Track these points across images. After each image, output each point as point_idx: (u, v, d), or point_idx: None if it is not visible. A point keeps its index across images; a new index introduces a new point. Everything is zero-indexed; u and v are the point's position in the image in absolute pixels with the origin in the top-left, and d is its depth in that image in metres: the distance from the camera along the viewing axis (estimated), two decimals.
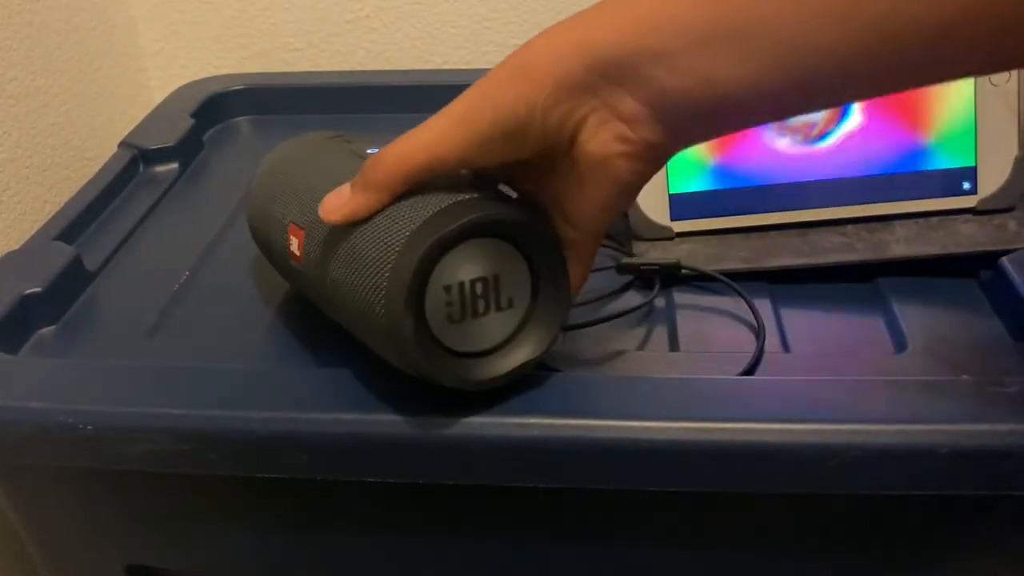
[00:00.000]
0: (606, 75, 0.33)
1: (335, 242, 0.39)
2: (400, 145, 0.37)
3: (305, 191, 0.43)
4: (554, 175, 0.38)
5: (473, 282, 0.37)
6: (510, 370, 0.39)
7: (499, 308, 0.38)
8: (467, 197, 0.37)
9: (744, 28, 0.31)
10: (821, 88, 0.32)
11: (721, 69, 0.32)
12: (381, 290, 0.36)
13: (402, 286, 0.35)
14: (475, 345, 0.38)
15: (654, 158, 0.36)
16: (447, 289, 0.37)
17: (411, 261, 0.35)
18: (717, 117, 0.34)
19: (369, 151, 0.43)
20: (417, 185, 0.37)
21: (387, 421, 0.39)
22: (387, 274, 0.36)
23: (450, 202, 0.37)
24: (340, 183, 0.40)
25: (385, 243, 0.36)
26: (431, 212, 0.36)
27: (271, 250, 0.47)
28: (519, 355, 0.39)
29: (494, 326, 0.38)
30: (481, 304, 0.38)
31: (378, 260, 0.36)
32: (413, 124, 0.38)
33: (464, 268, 0.37)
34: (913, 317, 0.47)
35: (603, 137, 0.35)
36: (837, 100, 0.35)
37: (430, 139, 0.36)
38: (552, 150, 0.36)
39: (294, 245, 0.42)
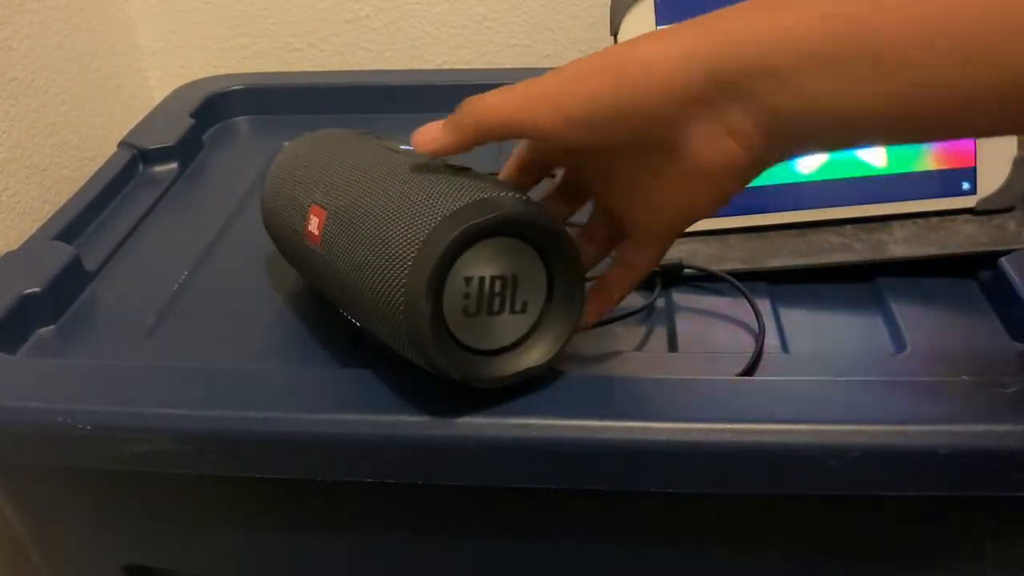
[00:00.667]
0: (725, 89, 0.33)
1: (360, 223, 0.40)
2: (496, 96, 0.37)
3: (333, 175, 0.43)
4: (645, 169, 0.37)
5: (493, 279, 0.38)
6: (516, 372, 0.39)
7: (513, 311, 0.39)
8: (501, 194, 0.38)
9: (868, 52, 0.31)
10: (942, 122, 0.31)
11: (839, 92, 0.31)
12: (404, 270, 0.36)
13: (427, 267, 0.36)
14: (485, 343, 0.39)
15: (756, 171, 0.36)
16: (467, 281, 0.37)
17: (439, 244, 0.36)
18: (826, 138, 0.34)
19: (402, 147, 0.44)
20: (491, 136, 0.37)
21: (387, 422, 0.39)
22: (413, 255, 0.36)
23: (485, 195, 0.37)
24: (371, 173, 0.41)
25: (415, 226, 0.37)
26: (465, 202, 0.37)
27: (283, 233, 0.47)
28: (527, 359, 0.39)
29: (506, 327, 0.39)
30: (497, 303, 0.38)
31: (405, 242, 0.37)
32: (413, 124, 0.38)
33: (487, 263, 0.37)
34: (912, 317, 0.47)
35: (710, 150, 0.34)
36: (954, 134, 0.33)
37: (527, 101, 0.36)
38: (647, 147, 0.36)
39: (313, 225, 0.43)
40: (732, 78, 0.33)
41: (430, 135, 0.39)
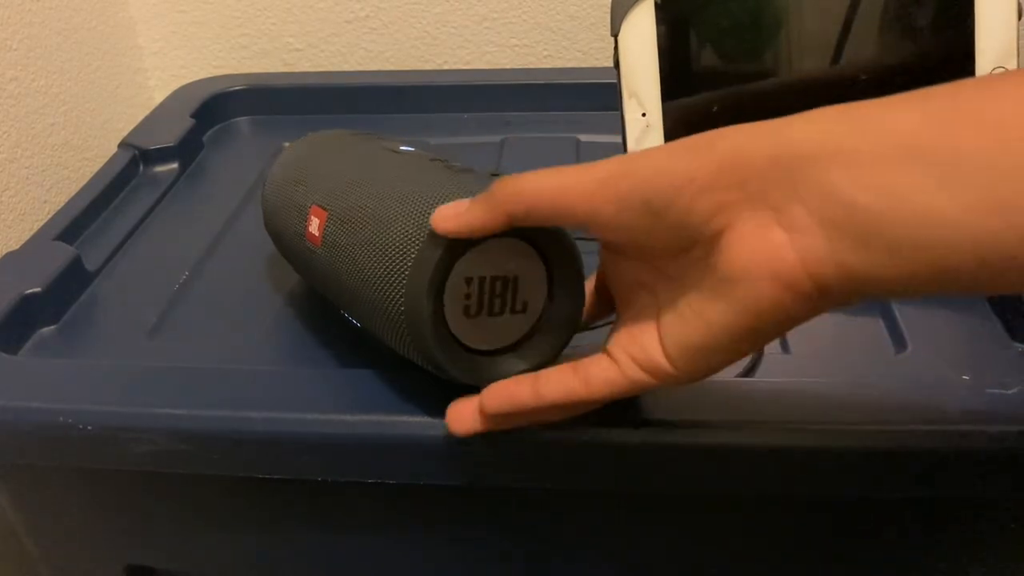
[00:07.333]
0: (786, 169, 0.27)
1: (362, 224, 0.40)
2: (536, 177, 0.33)
3: (333, 176, 0.44)
4: (679, 282, 0.32)
5: (493, 280, 0.38)
6: (517, 373, 0.39)
7: (514, 311, 0.39)
8: None
9: (969, 153, 0.25)
10: None
11: (924, 192, 0.25)
12: (405, 270, 0.37)
13: (428, 267, 0.36)
14: (485, 343, 0.39)
15: (805, 294, 0.28)
16: (468, 281, 0.37)
17: (441, 244, 0.36)
18: (900, 252, 0.26)
19: (403, 148, 0.44)
20: (526, 218, 0.34)
21: (387, 422, 0.39)
22: (413, 255, 0.36)
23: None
24: (371, 174, 0.41)
25: (416, 225, 0.37)
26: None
27: (284, 234, 0.47)
28: (528, 359, 0.39)
29: (507, 327, 0.39)
30: (498, 303, 0.38)
31: (406, 241, 0.37)
32: (413, 124, 0.38)
33: (488, 263, 0.37)
34: (913, 318, 0.47)
35: (753, 245, 0.28)
36: None
37: (568, 182, 0.32)
38: (689, 251, 0.31)
39: (313, 226, 0.43)
40: (796, 158, 0.27)
41: (456, 211, 0.35)
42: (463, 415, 0.37)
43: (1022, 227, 0.25)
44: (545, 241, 0.38)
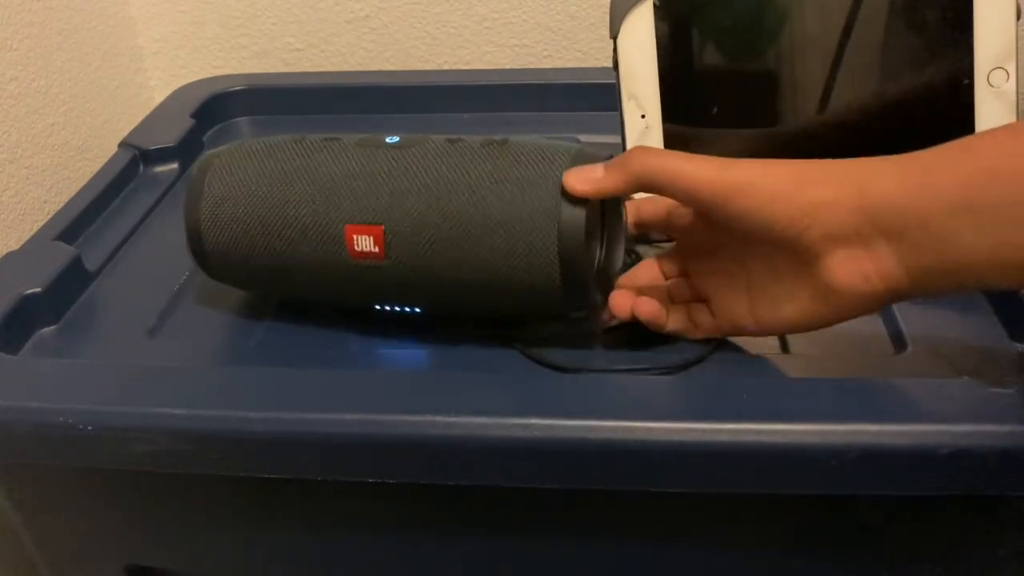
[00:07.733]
0: (877, 225, 0.36)
1: (457, 225, 0.42)
2: (670, 157, 0.40)
3: (354, 189, 0.43)
4: (772, 270, 0.41)
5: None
6: (619, 266, 0.46)
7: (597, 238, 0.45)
8: (577, 146, 0.44)
9: (991, 202, 0.34)
10: None
11: (965, 238, 0.35)
12: (554, 227, 0.41)
13: (577, 233, 0.41)
14: (595, 266, 0.44)
15: (888, 298, 0.38)
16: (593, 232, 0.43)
17: (578, 218, 0.41)
18: (955, 276, 0.36)
19: (389, 139, 0.45)
20: (651, 186, 0.41)
21: (387, 422, 0.39)
22: (556, 231, 0.41)
23: (577, 146, 0.43)
24: (381, 175, 0.43)
25: (542, 206, 0.41)
26: (571, 153, 0.43)
27: (296, 254, 0.45)
28: (618, 254, 0.46)
29: (597, 247, 0.45)
30: (596, 234, 0.44)
31: (536, 225, 0.41)
32: (414, 124, 0.38)
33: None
34: (913, 317, 0.47)
35: (851, 274, 0.37)
36: None
37: (702, 175, 0.39)
38: (790, 251, 0.39)
39: (364, 244, 0.43)
40: (885, 217, 0.36)
41: (591, 175, 0.41)
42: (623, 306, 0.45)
43: None
44: None
